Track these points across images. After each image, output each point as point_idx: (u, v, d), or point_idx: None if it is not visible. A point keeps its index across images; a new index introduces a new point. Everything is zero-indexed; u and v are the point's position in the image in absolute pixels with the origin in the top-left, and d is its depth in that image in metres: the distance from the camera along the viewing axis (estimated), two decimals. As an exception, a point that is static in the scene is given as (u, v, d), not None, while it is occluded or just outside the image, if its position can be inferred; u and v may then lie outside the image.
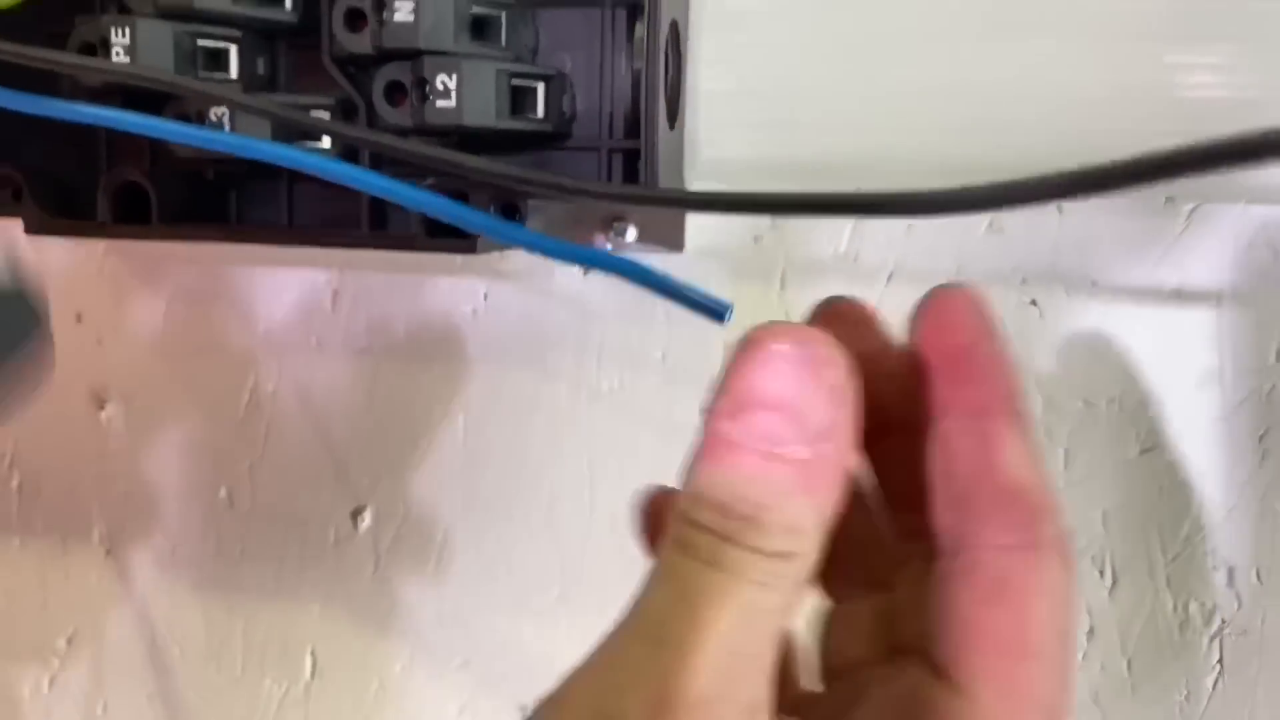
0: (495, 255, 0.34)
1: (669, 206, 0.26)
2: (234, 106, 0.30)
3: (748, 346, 0.18)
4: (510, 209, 0.32)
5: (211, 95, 0.29)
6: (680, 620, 0.17)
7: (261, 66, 0.34)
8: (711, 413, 0.18)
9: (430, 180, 0.33)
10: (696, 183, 0.36)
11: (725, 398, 0.18)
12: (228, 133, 0.30)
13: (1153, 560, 0.36)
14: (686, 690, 0.16)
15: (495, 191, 0.32)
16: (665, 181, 0.33)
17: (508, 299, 0.39)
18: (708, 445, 0.18)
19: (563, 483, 0.40)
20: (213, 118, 0.32)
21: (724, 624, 0.17)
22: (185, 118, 0.32)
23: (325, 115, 0.33)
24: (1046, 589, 0.18)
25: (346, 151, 0.34)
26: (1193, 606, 0.36)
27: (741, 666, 0.17)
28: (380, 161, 0.35)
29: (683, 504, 0.18)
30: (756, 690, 0.17)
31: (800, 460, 0.17)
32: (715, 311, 0.26)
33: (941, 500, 0.19)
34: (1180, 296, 0.35)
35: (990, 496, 0.19)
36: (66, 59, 0.30)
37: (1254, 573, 0.36)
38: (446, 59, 0.30)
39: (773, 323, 0.18)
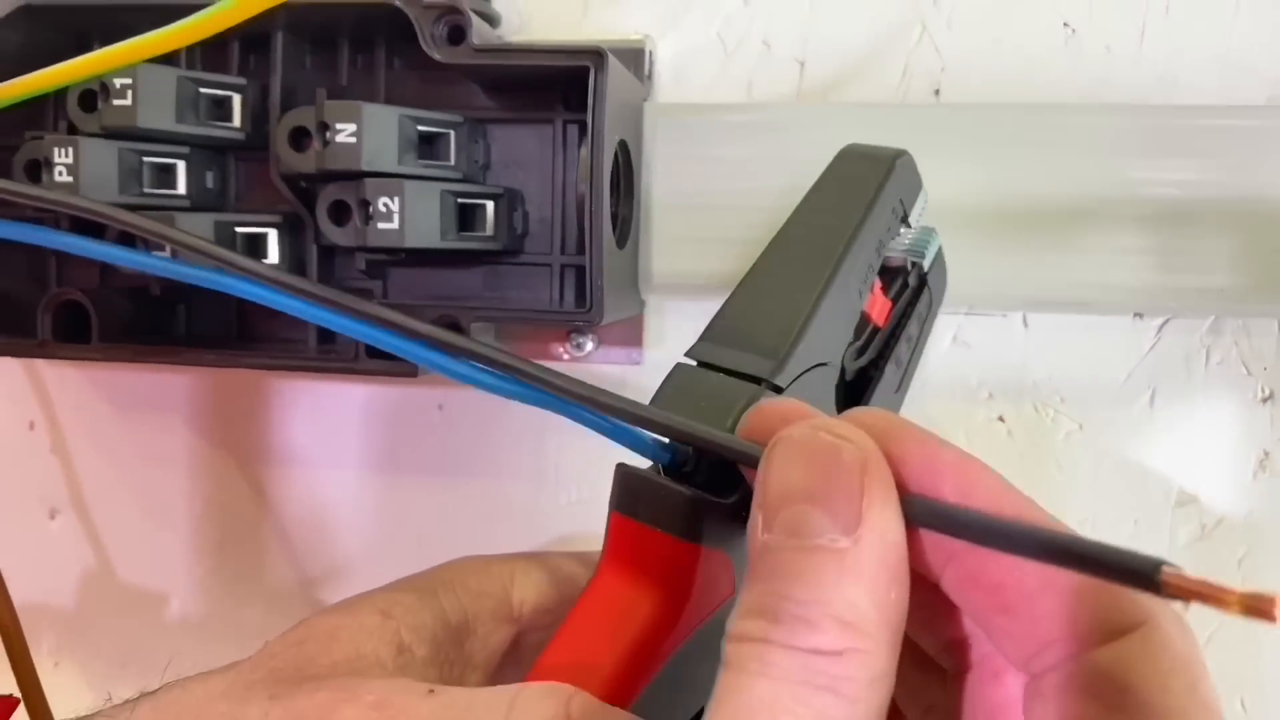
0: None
1: (598, 411, 0.25)
2: (164, 240, 0.29)
3: (766, 452, 0.17)
4: (454, 327, 0.31)
5: (139, 225, 0.28)
6: None
7: (211, 181, 0.34)
8: (750, 533, 0.17)
9: (378, 298, 0.32)
10: (651, 296, 0.35)
11: (757, 510, 0.16)
12: (163, 257, 0.30)
13: (1132, 687, 0.35)
14: None
15: (439, 311, 0.31)
16: (615, 297, 0.32)
17: (464, 408, 0.38)
18: (750, 563, 0.16)
19: (521, 598, 0.39)
20: (155, 237, 0.31)
21: None
22: (129, 238, 0.32)
23: (273, 232, 0.33)
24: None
25: (296, 264, 0.34)
26: (1175, 736, 0.34)
27: None
28: (329, 275, 0.34)
29: (730, 627, 0.16)
30: None
31: (840, 549, 0.16)
32: (655, 455, 0.25)
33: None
34: (1152, 412, 0.34)
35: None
36: (24, 189, 0.29)
37: (1239, 701, 0.34)
38: (389, 181, 0.30)
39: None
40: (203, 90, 0.32)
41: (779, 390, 0.21)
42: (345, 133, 0.30)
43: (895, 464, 0.17)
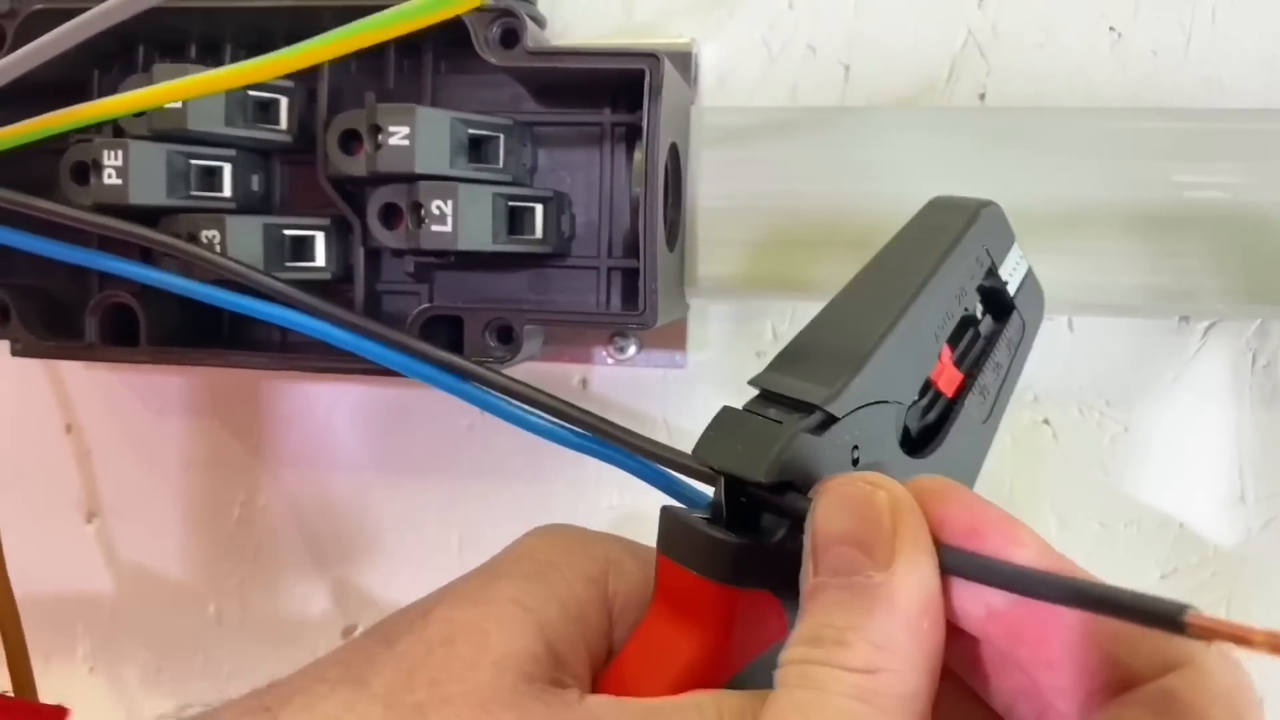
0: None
1: (626, 451, 0.26)
2: (208, 265, 0.29)
3: (812, 504, 0.19)
4: (506, 332, 0.31)
5: (190, 253, 0.28)
6: None
7: (256, 184, 0.34)
8: (801, 580, 0.18)
9: (424, 305, 0.32)
10: (695, 300, 0.35)
11: (807, 558, 0.18)
12: (205, 284, 0.29)
13: (1177, 690, 0.35)
14: None
15: (491, 314, 0.31)
16: (665, 299, 0.32)
17: (505, 413, 0.38)
18: (800, 606, 0.18)
19: (561, 602, 0.38)
20: (204, 239, 0.31)
21: None
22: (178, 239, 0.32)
23: (320, 235, 0.33)
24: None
25: (343, 267, 0.33)
26: (1221, 740, 0.34)
27: None
28: (375, 278, 0.34)
29: (779, 658, 0.18)
30: None
31: (876, 583, 0.17)
32: (694, 503, 0.25)
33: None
34: (1198, 416, 0.34)
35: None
36: (53, 207, 0.29)
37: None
38: (442, 184, 0.30)
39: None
40: (250, 93, 0.32)
41: (833, 419, 0.21)
42: (398, 136, 0.30)
43: (938, 523, 0.18)
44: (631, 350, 0.37)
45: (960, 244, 0.24)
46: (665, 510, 0.22)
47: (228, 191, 0.33)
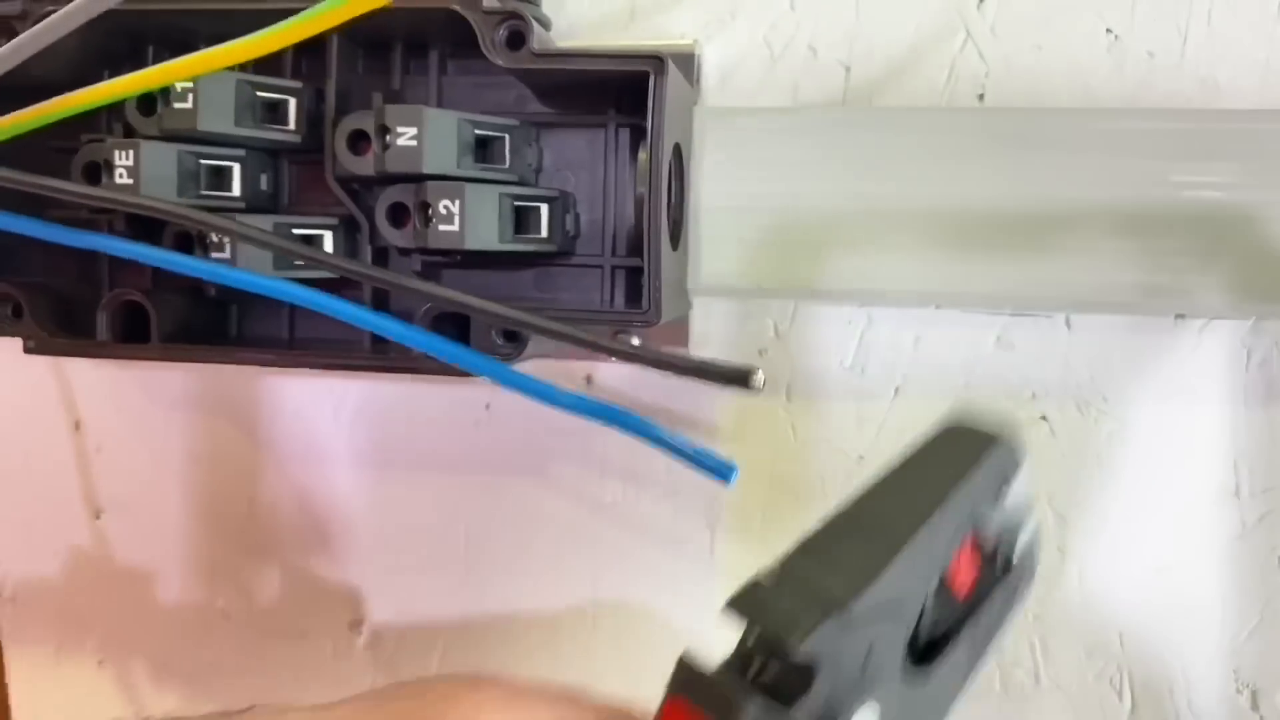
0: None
1: (662, 369, 0.26)
2: (232, 236, 0.29)
3: None
4: (513, 332, 0.32)
5: (209, 223, 0.29)
6: None
7: (265, 183, 0.34)
8: None
9: (431, 304, 0.32)
10: (698, 298, 0.36)
11: None
12: (220, 265, 0.30)
13: (1173, 682, 0.35)
14: None
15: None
16: (668, 298, 0.32)
17: (510, 409, 0.39)
18: None
19: (565, 596, 0.39)
20: (213, 237, 0.32)
21: None
22: (186, 238, 0.32)
23: (328, 234, 0.33)
24: None
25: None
26: (1216, 731, 0.35)
27: None
28: (381, 296, 0.34)
29: None
30: None
31: None
32: (720, 472, 0.26)
33: None
34: (1193, 412, 0.34)
35: None
36: (69, 186, 0.29)
37: (1278, 696, 0.35)
38: (449, 184, 0.30)
39: None
40: (259, 94, 0.33)
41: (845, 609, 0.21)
42: (406, 136, 0.30)
43: None
44: (634, 344, 0.37)
45: (976, 471, 0.23)
46: (683, 658, 0.21)
47: (237, 191, 0.33)
